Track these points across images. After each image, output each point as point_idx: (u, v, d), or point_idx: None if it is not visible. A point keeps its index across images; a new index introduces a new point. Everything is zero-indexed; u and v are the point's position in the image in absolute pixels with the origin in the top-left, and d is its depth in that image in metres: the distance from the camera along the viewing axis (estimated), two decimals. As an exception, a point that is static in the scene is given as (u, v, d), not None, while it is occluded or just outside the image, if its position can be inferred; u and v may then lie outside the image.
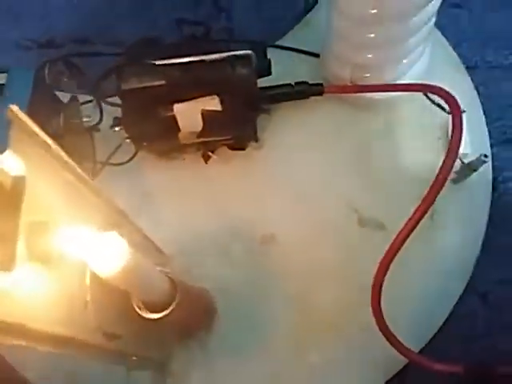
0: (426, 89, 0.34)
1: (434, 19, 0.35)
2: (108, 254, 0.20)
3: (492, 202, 0.37)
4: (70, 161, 0.21)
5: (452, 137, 0.31)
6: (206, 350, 0.35)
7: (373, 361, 0.34)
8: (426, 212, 0.31)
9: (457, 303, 0.35)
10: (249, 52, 0.33)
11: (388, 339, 0.32)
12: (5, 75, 0.35)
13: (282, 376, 0.35)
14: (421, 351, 0.34)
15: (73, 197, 0.22)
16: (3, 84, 0.35)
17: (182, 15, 0.45)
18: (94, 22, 0.48)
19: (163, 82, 0.33)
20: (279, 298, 0.36)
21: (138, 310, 0.27)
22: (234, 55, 0.33)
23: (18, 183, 0.17)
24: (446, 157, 0.31)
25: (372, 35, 0.33)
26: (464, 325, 0.35)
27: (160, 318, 0.27)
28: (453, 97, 0.31)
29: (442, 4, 0.34)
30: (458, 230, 0.37)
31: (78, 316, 0.22)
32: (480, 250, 0.36)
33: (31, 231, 0.18)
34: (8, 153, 0.17)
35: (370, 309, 0.32)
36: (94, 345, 0.23)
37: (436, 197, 0.31)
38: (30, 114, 0.20)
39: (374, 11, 0.31)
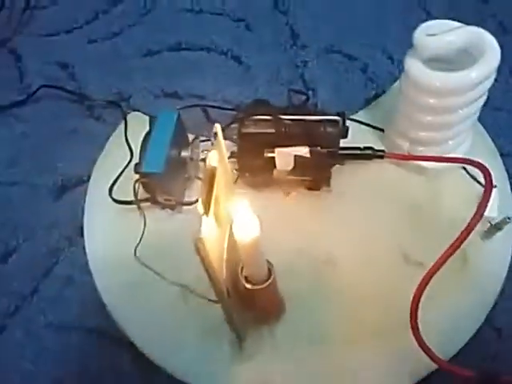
0: (468, 162, 0.45)
1: (477, 114, 0.47)
2: (248, 227, 0.32)
3: (512, 256, 0.47)
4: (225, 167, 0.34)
5: (482, 199, 0.42)
6: (274, 336, 0.45)
7: (408, 364, 0.42)
8: (451, 255, 0.41)
9: (477, 331, 0.44)
10: (337, 118, 0.45)
11: (422, 348, 0.41)
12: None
13: (330, 370, 0.43)
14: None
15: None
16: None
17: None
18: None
19: (272, 131, 0.46)
20: (333, 308, 0.45)
21: (243, 280, 0.37)
22: (326, 119, 0.46)
23: (214, 172, 0.30)
24: (474, 215, 0.41)
25: (429, 118, 0.45)
26: (480, 349, 0.44)
27: (256, 290, 0.37)
28: (488, 170, 0.42)
29: (485, 105, 0.46)
30: (483, 276, 0.46)
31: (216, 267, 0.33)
32: (498, 293, 0.46)
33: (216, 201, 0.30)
34: (213, 152, 0.30)
35: (408, 325, 0.41)
36: (221, 291, 0.33)
37: (461, 244, 0.41)
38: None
39: (433, 101, 0.43)
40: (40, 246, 0.53)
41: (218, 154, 0.31)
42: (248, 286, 0.37)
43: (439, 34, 0.42)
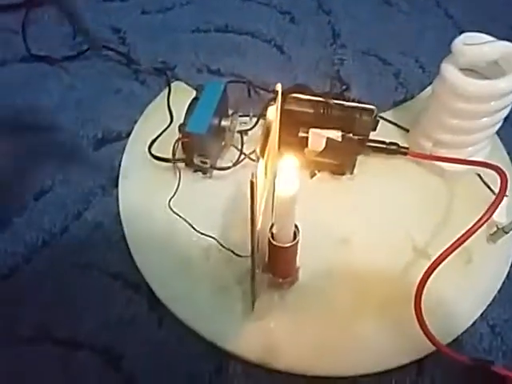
0: (487, 166, 0.48)
1: (498, 125, 0.51)
2: (288, 183, 0.35)
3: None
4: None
5: (494, 199, 0.45)
6: (284, 301, 0.48)
7: (407, 342, 0.46)
8: (456, 249, 0.44)
9: (471, 326, 0.48)
10: (373, 107, 0.49)
11: (423, 331, 0.44)
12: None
13: (334, 340, 0.47)
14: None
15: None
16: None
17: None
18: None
19: (311, 111, 0.50)
20: (346, 281, 0.49)
21: (270, 237, 0.41)
22: (363, 107, 0.49)
23: (271, 124, 0.33)
24: (484, 213, 0.45)
25: (455, 121, 0.49)
26: (474, 340, 0.47)
27: (280, 248, 0.41)
28: (505, 173, 0.45)
29: (506, 121, 0.50)
30: (485, 275, 0.50)
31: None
32: (496, 293, 0.49)
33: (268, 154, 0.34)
34: (272, 108, 0.33)
35: (411, 305, 0.45)
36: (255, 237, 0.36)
37: (466, 239, 0.44)
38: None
39: (463, 105, 0.47)
40: (74, 190, 0.56)
41: (275, 112, 0.34)
42: (274, 242, 0.41)
43: (476, 44, 0.46)
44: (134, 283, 0.50)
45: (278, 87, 0.35)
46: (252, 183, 0.30)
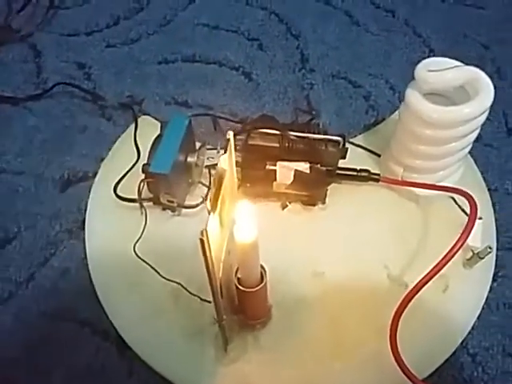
0: (456, 191, 0.47)
1: (468, 148, 0.50)
2: (247, 229, 0.34)
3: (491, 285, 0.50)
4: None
5: (466, 225, 0.44)
6: (258, 342, 0.47)
7: (383, 379, 0.44)
8: (432, 277, 0.43)
9: (452, 355, 0.46)
10: (339, 138, 0.48)
11: (399, 365, 0.43)
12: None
13: (312, 376, 0.45)
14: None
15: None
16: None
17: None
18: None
19: (277, 145, 0.49)
20: (319, 318, 0.48)
21: (237, 282, 0.39)
22: (328, 138, 0.48)
23: (224, 174, 0.32)
24: (457, 240, 0.44)
25: (423, 148, 0.48)
26: (454, 371, 0.46)
27: (248, 292, 0.39)
28: (473, 199, 0.44)
29: (478, 141, 0.49)
30: (462, 302, 0.49)
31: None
32: (475, 320, 0.48)
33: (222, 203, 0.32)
34: (224, 156, 0.32)
35: (387, 340, 0.43)
36: (216, 288, 0.35)
37: (442, 268, 0.43)
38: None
39: (429, 132, 0.46)
40: (40, 235, 0.54)
41: (228, 159, 0.33)
42: (241, 287, 0.39)
43: (439, 71, 0.45)
44: (103, 330, 0.48)
45: (230, 135, 0.34)
46: (202, 241, 0.28)
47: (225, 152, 0.33)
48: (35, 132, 0.62)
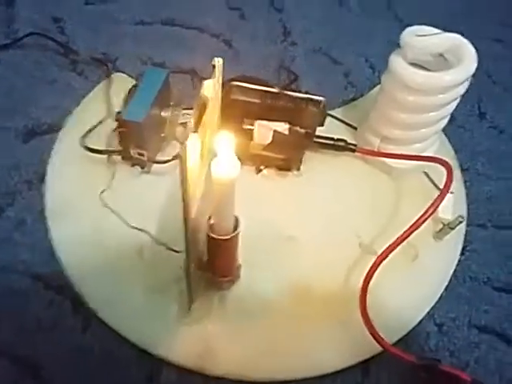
0: (433, 160, 0.47)
1: (444, 121, 0.51)
2: (229, 165, 0.32)
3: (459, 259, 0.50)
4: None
5: (440, 193, 0.44)
6: (223, 303, 0.45)
7: (352, 343, 0.43)
8: (399, 244, 0.43)
9: (419, 324, 0.46)
10: (321, 98, 0.47)
11: (368, 329, 0.42)
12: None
13: (274, 344, 0.44)
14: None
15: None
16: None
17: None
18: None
19: (258, 101, 0.47)
20: (290, 280, 0.46)
21: (208, 229, 0.38)
22: (310, 98, 0.47)
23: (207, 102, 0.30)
24: (428, 207, 0.44)
25: (403, 116, 0.48)
26: (420, 339, 0.45)
27: (219, 241, 0.38)
28: (450, 167, 0.44)
29: (451, 123, 0.50)
30: (431, 273, 0.48)
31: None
32: (443, 291, 0.48)
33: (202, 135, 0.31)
34: (209, 82, 0.30)
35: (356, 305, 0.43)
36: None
37: (410, 235, 0.43)
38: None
39: (411, 98, 0.46)
40: (-2, 185, 0.51)
41: (213, 88, 0.31)
42: (213, 234, 0.38)
43: (425, 35, 0.45)
44: (57, 285, 0.45)
45: (216, 61, 0.32)
46: (181, 157, 0.27)
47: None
48: (1, 80, 0.59)
